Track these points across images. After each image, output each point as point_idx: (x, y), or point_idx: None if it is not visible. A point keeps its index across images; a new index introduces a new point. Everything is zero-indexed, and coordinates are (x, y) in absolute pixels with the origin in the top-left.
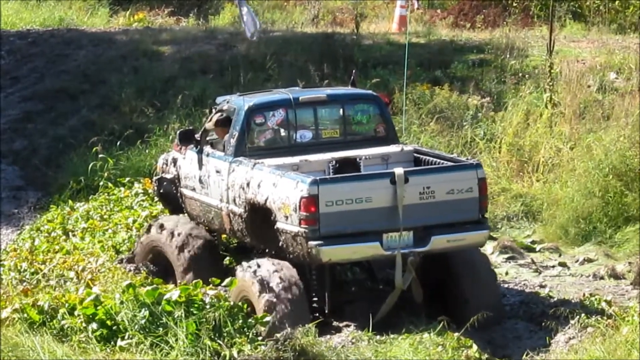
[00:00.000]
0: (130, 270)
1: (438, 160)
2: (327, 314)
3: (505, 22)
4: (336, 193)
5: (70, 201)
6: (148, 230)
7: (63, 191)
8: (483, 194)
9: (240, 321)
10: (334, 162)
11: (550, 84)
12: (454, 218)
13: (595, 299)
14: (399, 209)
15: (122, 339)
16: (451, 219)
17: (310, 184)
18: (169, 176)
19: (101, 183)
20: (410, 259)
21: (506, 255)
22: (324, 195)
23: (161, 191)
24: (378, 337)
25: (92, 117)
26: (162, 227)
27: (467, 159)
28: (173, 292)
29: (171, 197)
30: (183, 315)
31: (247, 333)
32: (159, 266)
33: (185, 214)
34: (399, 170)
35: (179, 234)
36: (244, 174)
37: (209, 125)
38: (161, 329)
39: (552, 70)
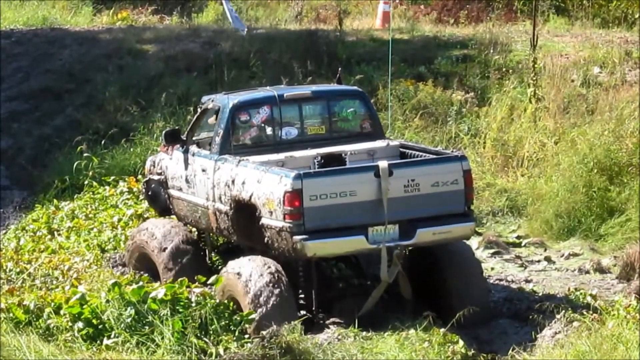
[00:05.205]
0: (117, 272)
1: (423, 154)
2: (315, 311)
3: (488, 18)
4: (320, 187)
5: (55, 200)
6: (136, 233)
7: (48, 190)
8: (468, 186)
9: (226, 319)
10: (319, 157)
11: (534, 78)
12: (440, 211)
13: (581, 294)
14: (384, 202)
15: (108, 337)
16: (437, 212)
17: (294, 178)
18: (156, 178)
19: (86, 182)
20: (396, 252)
21: (491, 251)
22: (308, 190)
23: (149, 193)
24: (364, 333)
25: (77, 116)
26: (148, 231)
27: (452, 151)
28: (159, 291)
29: (159, 199)
30: (169, 313)
31: (234, 330)
32: (147, 268)
33: (174, 216)
34: (383, 163)
35: (164, 240)
36: (229, 171)
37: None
38: (147, 327)
39: (535, 65)
